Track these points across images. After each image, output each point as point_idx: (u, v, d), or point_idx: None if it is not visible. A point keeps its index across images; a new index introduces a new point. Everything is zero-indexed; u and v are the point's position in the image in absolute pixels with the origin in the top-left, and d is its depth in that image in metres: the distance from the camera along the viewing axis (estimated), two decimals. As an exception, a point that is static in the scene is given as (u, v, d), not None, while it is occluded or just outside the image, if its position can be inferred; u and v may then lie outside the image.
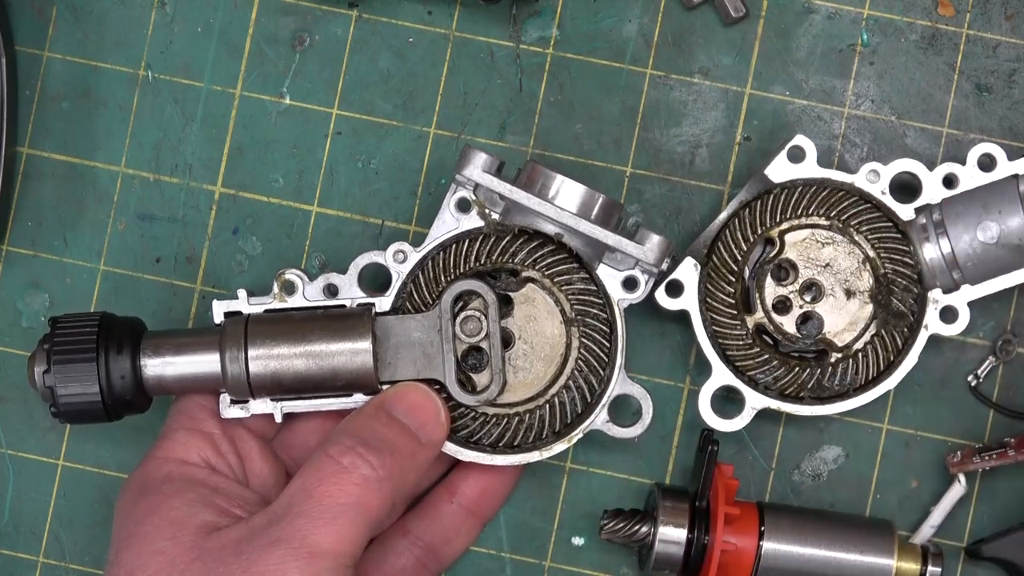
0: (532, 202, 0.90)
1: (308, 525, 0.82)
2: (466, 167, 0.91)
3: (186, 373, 0.90)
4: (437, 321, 0.91)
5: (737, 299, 0.95)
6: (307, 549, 0.81)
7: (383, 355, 0.91)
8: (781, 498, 0.99)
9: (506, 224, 0.91)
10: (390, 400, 0.89)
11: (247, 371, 0.89)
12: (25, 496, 1.01)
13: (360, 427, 0.87)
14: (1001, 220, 0.93)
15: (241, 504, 0.87)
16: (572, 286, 0.93)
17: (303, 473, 0.85)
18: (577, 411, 0.93)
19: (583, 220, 0.90)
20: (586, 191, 0.90)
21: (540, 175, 0.91)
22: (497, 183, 0.90)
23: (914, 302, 0.94)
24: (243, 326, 0.90)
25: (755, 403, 0.94)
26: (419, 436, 0.88)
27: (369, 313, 0.91)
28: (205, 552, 0.83)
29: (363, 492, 0.84)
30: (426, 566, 0.96)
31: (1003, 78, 0.99)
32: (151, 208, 1.00)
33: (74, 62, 1.00)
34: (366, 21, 1.00)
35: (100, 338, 0.89)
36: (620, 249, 0.90)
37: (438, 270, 0.92)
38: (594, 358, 0.93)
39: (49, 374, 0.89)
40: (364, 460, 0.84)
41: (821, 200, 0.95)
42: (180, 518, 0.85)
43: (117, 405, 0.90)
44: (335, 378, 0.90)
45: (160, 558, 0.83)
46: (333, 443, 0.85)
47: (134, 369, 0.90)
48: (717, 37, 1.00)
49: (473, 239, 0.92)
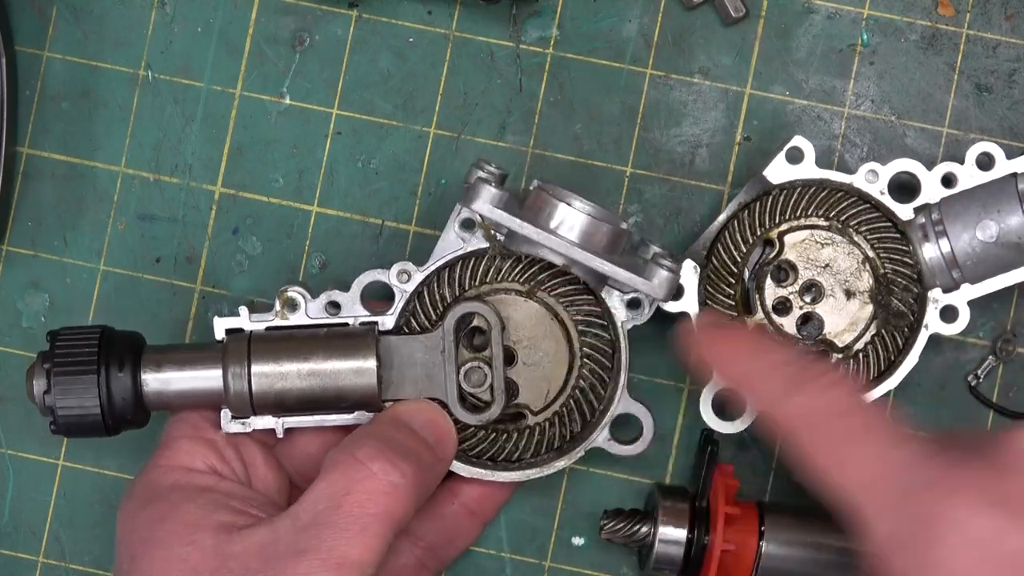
0: (541, 237, 0.89)
1: (337, 536, 0.81)
2: (475, 201, 0.89)
3: (187, 390, 0.90)
4: (440, 342, 0.90)
5: (737, 300, 0.95)
6: (336, 560, 0.80)
7: (387, 375, 0.90)
8: (781, 498, 0.99)
9: (511, 249, 0.91)
10: (406, 414, 0.88)
11: (250, 389, 0.89)
12: (25, 496, 1.01)
13: (383, 433, 0.86)
14: (1000, 219, 0.93)
15: (255, 505, 0.86)
16: (576, 307, 0.92)
17: (329, 476, 0.83)
18: (578, 429, 0.93)
19: (593, 256, 0.89)
20: (590, 221, 0.89)
21: (546, 203, 0.89)
22: (507, 218, 0.89)
23: (914, 302, 0.94)
24: (246, 344, 0.89)
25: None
26: (436, 450, 0.88)
27: (373, 333, 0.90)
28: (229, 557, 0.82)
29: (391, 501, 0.82)
30: (426, 565, 0.96)
31: (1003, 78, 0.99)
32: (151, 208, 1.00)
33: (74, 62, 1.00)
34: (366, 21, 1.00)
35: (101, 355, 0.88)
36: (629, 284, 0.90)
37: (442, 290, 0.92)
38: (596, 377, 0.93)
39: (49, 394, 0.88)
40: (394, 467, 0.83)
41: (820, 201, 0.95)
42: (195, 521, 0.84)
43: (117, 422, 0.89)
44: (339, 398, 0.89)
45: (181, 565, 0.82)
46: (360, 446, 0.84)
47: (135, 386, 0.89)
48: (717, 37, 1.00)
49: (478, 259, 0.92)
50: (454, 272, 0.92)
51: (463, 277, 0.92)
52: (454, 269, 0.92)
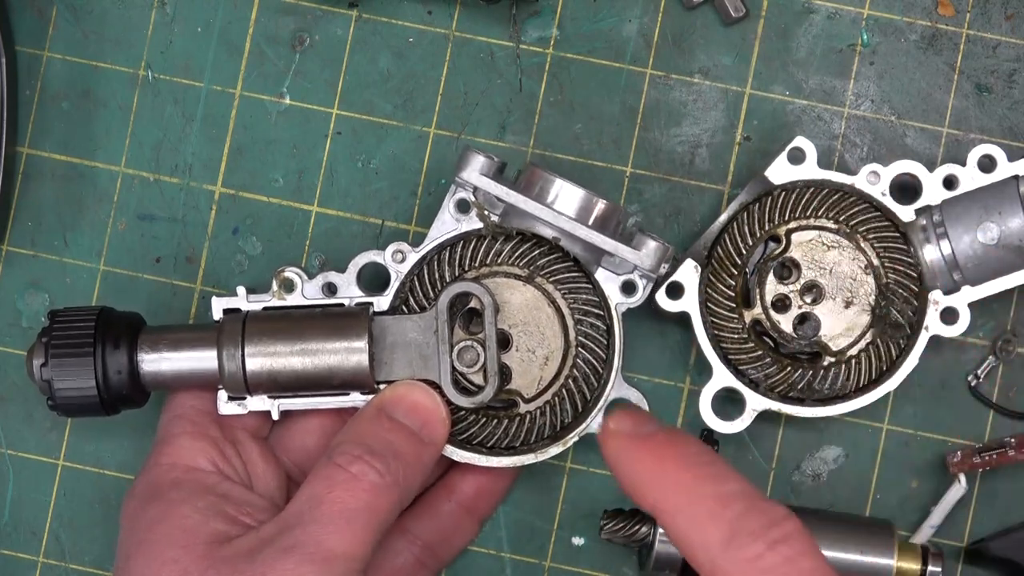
0: (529, 206, 0.90)
1: (321, 530, 0.82)
2: (464, 169, 0.90)
3: (183, 369, 0.90)
4: (434, 322, 0.91)
5: (737, 293, 0.95)
6: (322, 554, 0.81)
7: (379, 355, 0.91)
8: (781, 498, 0.99)
9: (505, 227, 0.91)
10: (389, 402, 0.89)
11: (244, 368, 0.89)
12: (25, 496, 1.01)
13: (364, 432, 0.87)
14: (1001, 221, 0.93)
15: (250, 512, 0.87)
16: (571, 291, 0.92)
17: (311, 482, 0.85)
18: (569, 419, 0.93)
19: (580, 225, 0.90)
20: (584, 195, 0.90)
21: (539, 178, 0.91)
22: (494, 186, 0.90)
23: (913, 315, 0.94)
24: (241, 323, 0.90)
25: (756, 405, 0.94)
26: (421, 436, 0.88)
27: (366, 312, 0.91)
28: (218, 560, 0.83)
29: (373, 497, 0.84)
30: (425, 564, 0.96)
31: (1003, 78, 0.99)
32: (151, 208, 1.00)
33: (74, 62, 1.00)
34: (366, 21, 1.00)
35: (98, 333, 0.89)
36: (616, 254, 0.90)
37: (437, 271, 0.92)
38: (591, 362, 0.93)
39: (47, 367, 0.89)
40: (372, 467, 0.84)
41: (832, 204, 0.95)
42: (192, 527, 0.85)
43: (113, 399, 0.90)
44: (331, 377, 0.90)
45: (173, 566, 0.83)
46: (339, 452, 0.85)
47: (131, 364, 0.90)
48: (717, 37, 1.00)
49: (472, 240, 0.92)
50: (454, 253, 0.92)
51: (463, 258, 0.92)
52: (454, 250, 0.92)
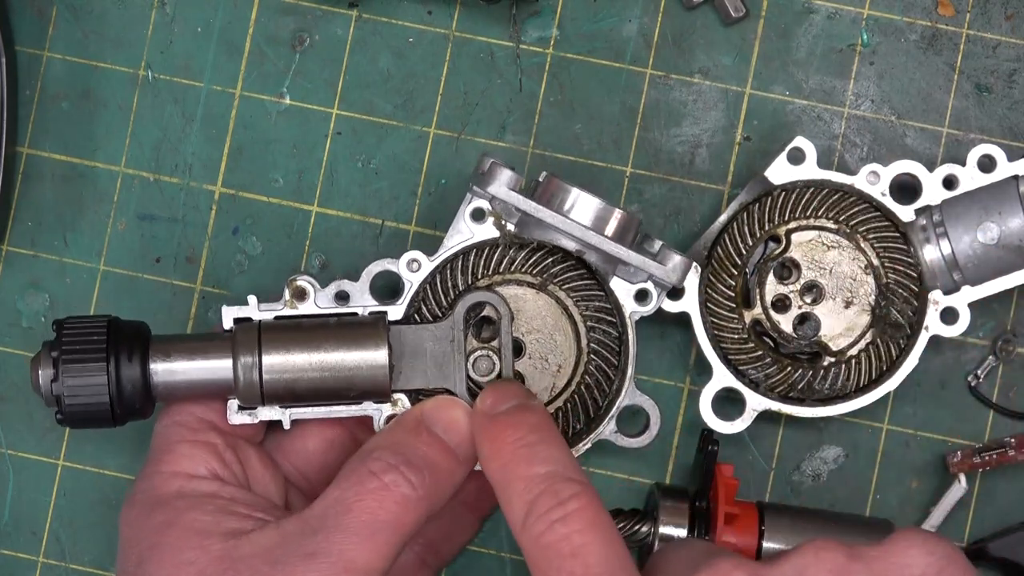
0: (557, 220, 0.89)
1: (346, 540, 0.81)
2: (491, 184, 0.89)
3: (196, 379, 0.89)
4: (450, 332, 0.90)
5: (737, 293, 0.95)
6: (344, 565, 0.80)
7: (397, 365, 0.90)
8: (781, 498, 0.99)
9: (523, 237, 0.91)
10: (430, 415, 0.88)
11: (260, 379, 0.88)
12: (25, 496, 1.01)
13: (402, 443, 0.86)
14: (1001, 221, 0.93)
15: (258, 509, 0.86)
16: (584, 298, 0.92)
17: (341, 485, 0.83)
18: (580, 425, 0.93)
19: (607, 240, 0.89)
20: (603, 206, 0.90)
21: (558, 189, 0.90)
22: (523, 202, 0.89)
23: (912, 315, 0.94)
24: (256, 333, 0.89)
25: (756, 405, 0.94)
26: (457, 454, 0.87)
27: (383, 322, 0.90)
28: (237, 560, 0.82)
29: (402, 511, 0.82)
30: (426, 562, 0.96)
31: (1003, 78, 0.99)
32: (151, 208, 1.00)
33: (74, 62, 1.00)
34: (366, 21, 1.00)
35: (110, 344, 0.87)
36: (644, 269, 0.90)
37: (450, 279, 0.92)
38: (604, 369, 0.93)
39: (57, 382, 0.87)
40: (406, 479, 0.83)
41: (832, 204, 0.95)
42: (204, 528, 0.83)
43: (125, 412, 0.88)
44: (350, 387, 0.89)
45: (190, 568, 0.82)
46: (374, 458, 0.84)
47: (144, 375, 0.88)
48: (717, 37, 1.00)
49: (485, 248, 0.92)
50: (467, 261, 0.92)
51: (476, 266, 0.92)
52: (467, 258, 0.92)
